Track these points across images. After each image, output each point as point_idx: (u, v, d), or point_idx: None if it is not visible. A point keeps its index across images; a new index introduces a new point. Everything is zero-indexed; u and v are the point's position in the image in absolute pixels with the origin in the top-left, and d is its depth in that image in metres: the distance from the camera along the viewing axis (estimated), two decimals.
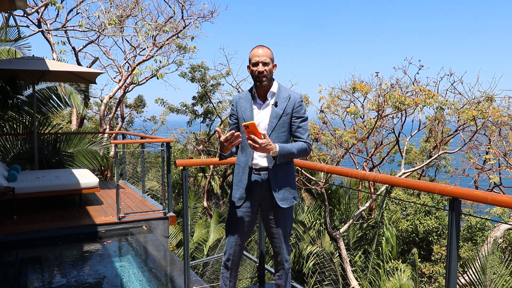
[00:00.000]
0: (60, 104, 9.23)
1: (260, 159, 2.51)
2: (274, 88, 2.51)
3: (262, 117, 2.50)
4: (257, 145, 2.29)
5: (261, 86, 2.48)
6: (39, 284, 3.87)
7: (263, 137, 2.31)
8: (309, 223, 10.99)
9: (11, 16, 9.10)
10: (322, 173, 11.11)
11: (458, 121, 10.50)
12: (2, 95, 8.12)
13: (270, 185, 2.49)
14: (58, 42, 10.45)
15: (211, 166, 14.12)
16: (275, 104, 2.47)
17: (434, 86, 10.79)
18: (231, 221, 2.63)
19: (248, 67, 2.50)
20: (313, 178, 10.58)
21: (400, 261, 10.02)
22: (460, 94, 10.81)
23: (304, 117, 2.51)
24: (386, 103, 9.63)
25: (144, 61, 11.28)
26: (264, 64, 2.43)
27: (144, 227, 5.44)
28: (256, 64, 2.44)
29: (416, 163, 14.32)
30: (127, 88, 11.76)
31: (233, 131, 2.34)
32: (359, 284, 9.72)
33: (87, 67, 11.10)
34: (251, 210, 2.58)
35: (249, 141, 2.30)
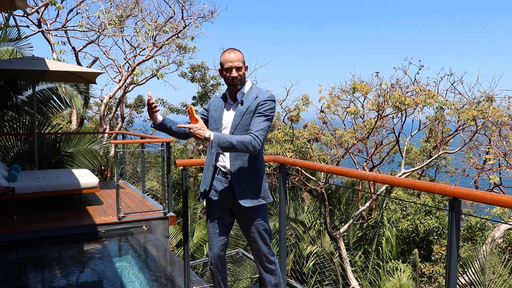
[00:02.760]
0: (60, 104, 9.24)
1: (226, 160, 2.52)
2: (245, 89, 2.53)
3: (230, 117, 2.52)
4: (191, 130, 2.33)
5: (234, 89, 2.50)
6: (39, 284, 3.87)
7: (198, 122, 2.34)
8: (309, 223, 10.99)
9: (11, 16, 9.10)
10: (322, 173, 11.11)
11: (458, 121, 10.51)
12: (2, 95, 8.12)
13: (233, 186, 2.50)
14: (58, 42, 10.46)
15: None
16: (241, 103, 2.49)
17: (434, 86, 10.82)
18: (207, 223, 2.68)
19: (220, 70, 2.51)
20: (313, 178, 10.58)
21: (400, 261, 10.02)
22: (460, 94, 10.83)
23: (263, 113, 2.44)
24: (386, 103, 9.63)
25: (144, 61, 11.28)
26: (237, 69, 2.44)
27: (144, 227, 5.44)
28: (229, 69, 2.45)
29: (416, 163, 14.31)
30: (127, 88, 11.76)
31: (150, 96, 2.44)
32: (359, 284, 9.72)
33: (87, 67, 11.11)
34: (220, 211, 2.60)
35: (184, 126, 2.40)
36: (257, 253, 2.64)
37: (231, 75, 2.44)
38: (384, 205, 11.61)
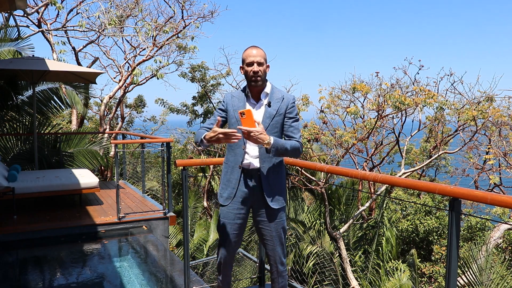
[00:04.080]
0: (61, 105, 9.24)
1: (252, 159, 2.49)
2: (267, 88, 2.51)
3: (257, 118, 2.48)
4: (251, 134, 2.25)
5: (255, 86, 2.47)
6: (39, 284, 3.87)
7: (257, 126, 2.28)
8: (309, 223, 10.99)
9: (11, 16, 9.10)
10: (322, 173, 11.11)
11: (458, 121, 10.50)
12: (3, 95, 8.13)
13: (261, 186, 2.48)
14: (58, 42, 10.46)
15: (211, 166, 14.13)
16: (269, 105, 2.47)
17: (434, 86, 10.81)
18: (222, 223, 2.61)
19: (242, 67, 2.49)
20: (313, 178, 10.58)
21: (400, 261, 10.02)
22: (460, 94, 10.83)
23: (296, 118, 2.51)
24: (386, 103, 9.63)
25: (144, 61, 11.28)
26: (259, 64, 2.42)
27: (144, 227, 5.44)
28: (251, 64, 2.42)
29: (416, 163, 14.31)
30: (127, 88, 11.76)
31: (235, 130, 2.29)
32: (359, 284, 9.72)
33: (87, 67, 11.10)
34: (242, 212, 2.56)
35: (243, 128, 2.26)
36: (272, 253, 2.62)
37: (253, 69, 2.41)
38: (384, 205, 11.60)
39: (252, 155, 2.49)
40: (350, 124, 10.87)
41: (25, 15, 9.39)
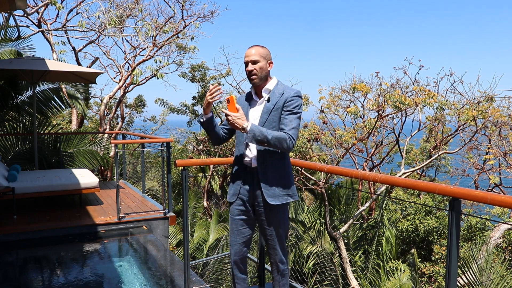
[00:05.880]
0: (61, 104, 9.24)
1: (253, 157, 2.51)
2: (270, 85, 2.52)
3: (256, 113, 2.51)
4: (228, 117, 2.35)
5: (254, 84, 2.51)
6: (39, 284, 3.87)
7: (238, 111, 2.36)
8: (309, 223, 10.99)
9: (11, 16, 9.09)
10: (322, 173, 11.11)
11: (458, 121, 10.50)
12: (3, 95, 8.12)
13: (259, 184, 2.49)
14: (58, 42, 10.45)
15: (211, 166, 14.13)
16: (268, 100, 2.48)
17: (434, 86, 10.80)
18: (230, 219, 2.67)
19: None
20: (313, 178, 10.58)
21: (400, 261, 10.02)
22: (460, 94, 10.83)
23: (293, 111, 2.43)
24: (386, 103, 9.63)
25: (144, 61, 11.28)
26: (253, 62, 2.45)
27: (144, 227, 5.44)
28: (246, 64, 2.48)
29: (416, 163, 14.30)
30: (127, 88, 11.75)
31: (216, 84, 2.43)
32: (359, 284, 9.72)
33: (87, 67, 11.10)
34: (246, 209, 2.58)
35: (225, 112, 2.38)
36: (273, 251, 2.62)
37: (247, 69, 2.46)
38: (384, 205, 11.60)
39: (252, 152, 2.52)
40: (350, 124, 10.87)
41: (25, 15, 9.38)
